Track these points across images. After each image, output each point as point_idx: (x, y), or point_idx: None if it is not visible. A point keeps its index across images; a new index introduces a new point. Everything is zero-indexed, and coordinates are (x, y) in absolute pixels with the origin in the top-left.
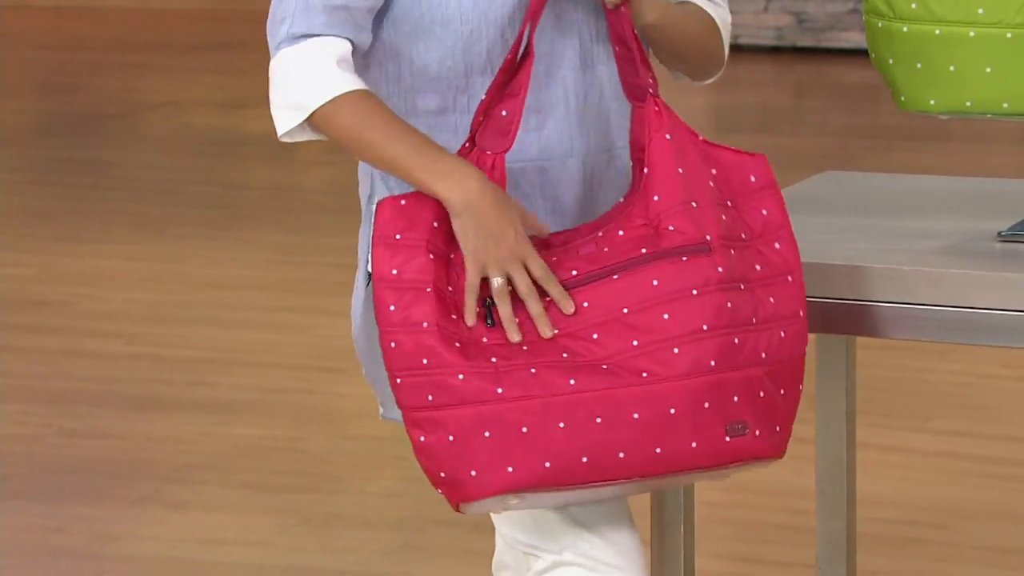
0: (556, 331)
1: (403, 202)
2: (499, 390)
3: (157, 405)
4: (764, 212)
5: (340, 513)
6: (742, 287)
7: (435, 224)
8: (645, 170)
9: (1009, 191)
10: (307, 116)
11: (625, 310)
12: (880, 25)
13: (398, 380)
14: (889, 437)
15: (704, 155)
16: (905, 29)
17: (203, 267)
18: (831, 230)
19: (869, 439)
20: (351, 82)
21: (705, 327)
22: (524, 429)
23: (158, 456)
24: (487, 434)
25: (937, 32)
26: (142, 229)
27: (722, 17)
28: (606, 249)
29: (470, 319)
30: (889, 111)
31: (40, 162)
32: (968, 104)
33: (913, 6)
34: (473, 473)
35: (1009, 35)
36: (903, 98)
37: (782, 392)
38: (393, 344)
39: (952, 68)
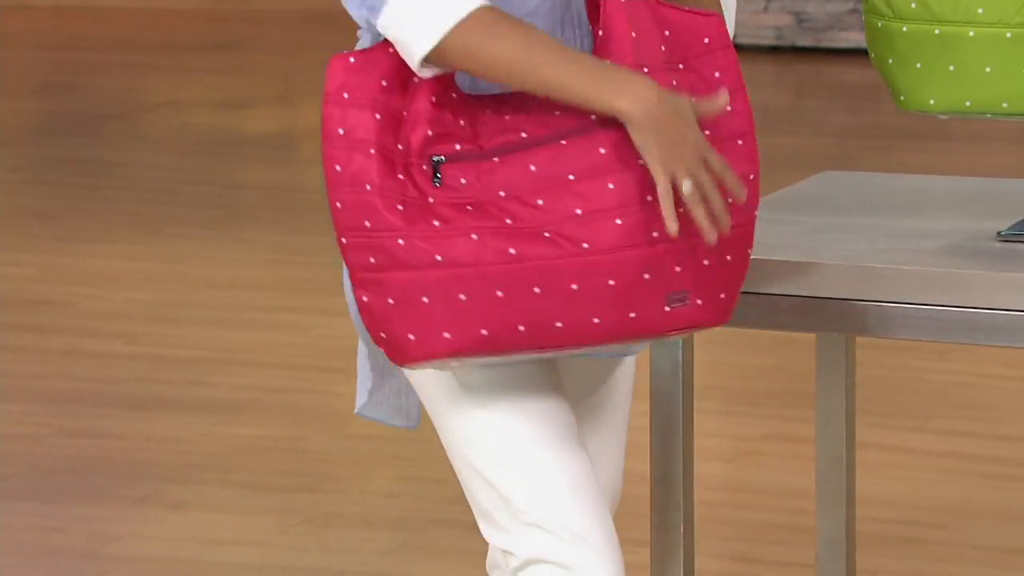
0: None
1: (352, 60)
2: (438, 257)
3: (157, 405)
4: (717, 74)
5: (340, 513)
6: None
7: (383, 82)
8: (600, 33)
9: (1009, 191)
10: (432, 47)
11: (571, 176)
12: (880, 25)
13: (344, 240)
14: (889, 437)
15: (657, 16)
16: (905, 29)
17: (203, 267)
18: (831, 230)
19: (869, 439)
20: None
21: (649, 197)
22: (462, 296)
23: (158, 456)
24: (425, 299)
25: (937, 32)
26: (142, 229)
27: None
28: (557, 112)
29: (673, 227)
30: (889, 111)
31: (40, 162)
32: (968, 104)
33: (913, 6)
34: (411, 336)
35: (1009, 35)
36: (903, 98)
37: (728, 259)
38: (339, 204)
39: (952, 68)
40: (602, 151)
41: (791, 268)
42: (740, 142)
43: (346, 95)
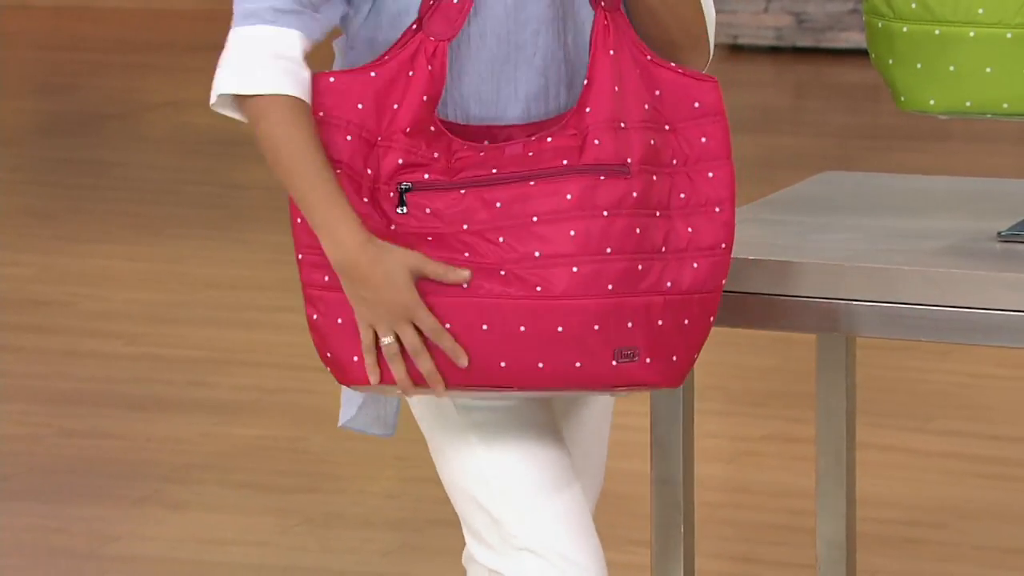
0: (445, 381)
1: (332, 80)
2: None
3: (157, 405)
4: (703, 139)
5: (340, 513)
6: (657, 214)
7: (359, 105)
8: (585, 81)
9: (1009, 191)
10: (231, 98)
11: (534, 218)
12: (880, 25)
13: (300, 256)
14: (889, 437)
15: (648, 75)
16: (905, 29)
17: (203, 267)
18: (830, 230)
19: (869, 439)
20: (280, 82)
21: (609, 250)
22: None
23: (158, 456)
24: None
25: (937, 32)
26: (142, 229)
27: (707, 9)
28: (531, 154)
29: (373, 378)
30: (889, 111)
31: (40, 162)
32: (968, 104)
33: (913, 6)
34: (355, 359)
35: (1009, 35)
36: (903, 98)
37: (685, 322)
38: (299, 220)
39: (952, 68)
40: (568, 197)
41: (791, 268)
42: (718, 209)
43: (321, 114)
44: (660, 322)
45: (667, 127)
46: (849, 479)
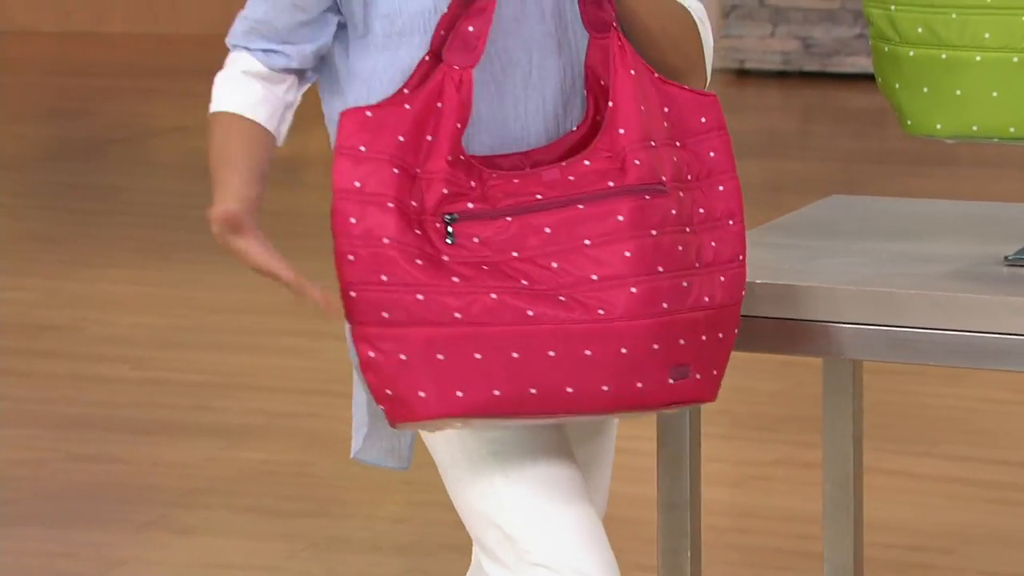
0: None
1: (369, 114)
2: (457, 314)
3: (163, 429)
4: (711, 154)
5: (347, 538)
6: (688, 230)
7: (400, 138)
8: (610, 103)
9: (1016, 216)
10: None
11: (587, 241)
12: (886, 49)
13: (352, 294)
14: (896, 462)
15: (660, 92)
16: (911, 53)
17: (209, 291)
18: (837, 254)
19: (876, 464)
20: (225, 101)
21: (661, 269)
22: (477, 355)
23: (164, 481)
24: (440, 356)
25: (943, 57)
26: (148, 254)
27: (704, 35)
28: (571, 178)
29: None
30: (896, 136)
31: (47, 187)
32: (974, 128)
33: (919, 30)
34: (422, 394)
35: (1015, 60)
36: (909, 122)
37: (720, 336)
38: (352, 257)
39: (958, 92)
40: (620, 218)
41: (798, 292)
42: (731, 222)
43: (363, 148)
44: (704, 337)
45: (678, 143)
46: (856, 504)
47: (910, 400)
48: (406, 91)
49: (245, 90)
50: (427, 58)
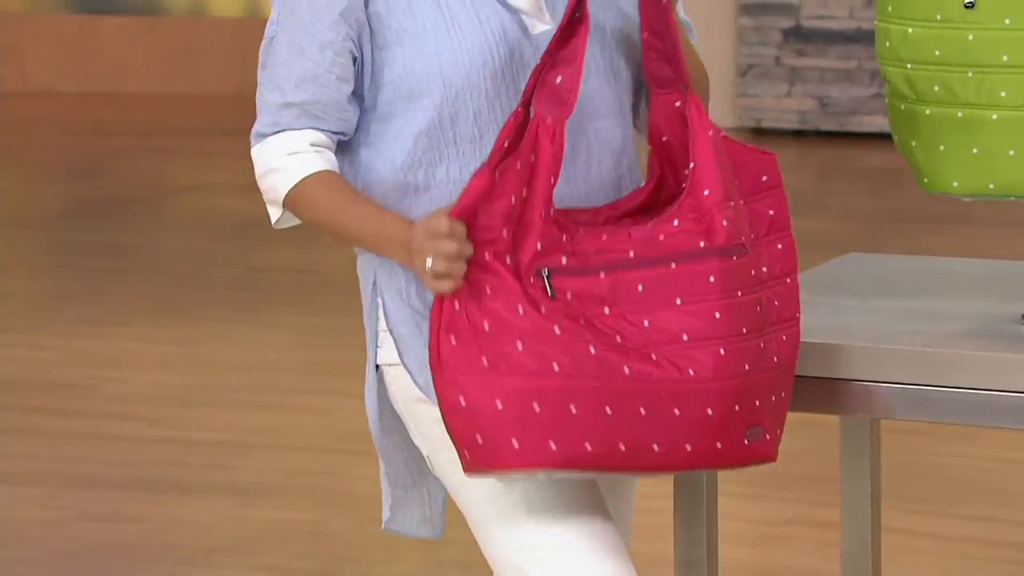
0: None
1: (497, 176)
2: (555, 366)
3: (179, 488)
4: (771, 212)
5: None
6: (759, 289)
7: (512, 199)
8: (692, 164)
9: None
10: (281, 209)
11: (679, 301)
12: (903, 108)
13: (453, 340)
14: (914, 522)
15: (728, 151)
16: (928, 112)
17: (226, 350)
18: (854, 311)
19: (894, 523)
20: (304, 168)
21: (745, 330)
22: (573, 408)
23: (180, 540)
24: (536, 407)
25: (960, 115)
26: (166, 312)
27: (690, 26)
28: (662, 236)
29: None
30: (913, 195)
31: (65, 245)
32: (991, 187)
33: (936, 89)
34: (515, 443)
35: None
36: (926, 180)
37: (783, 395)
38: (457, 306)
39: (975, 151)
40: (711, 279)
41: (815, 350)
42: (788, 280)
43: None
44: (773, 397)
45: (743, 202)
46: (874, 564)
47: (927, 459)
48: (506, 144)
49: (314, 158)
50: (519, 110)
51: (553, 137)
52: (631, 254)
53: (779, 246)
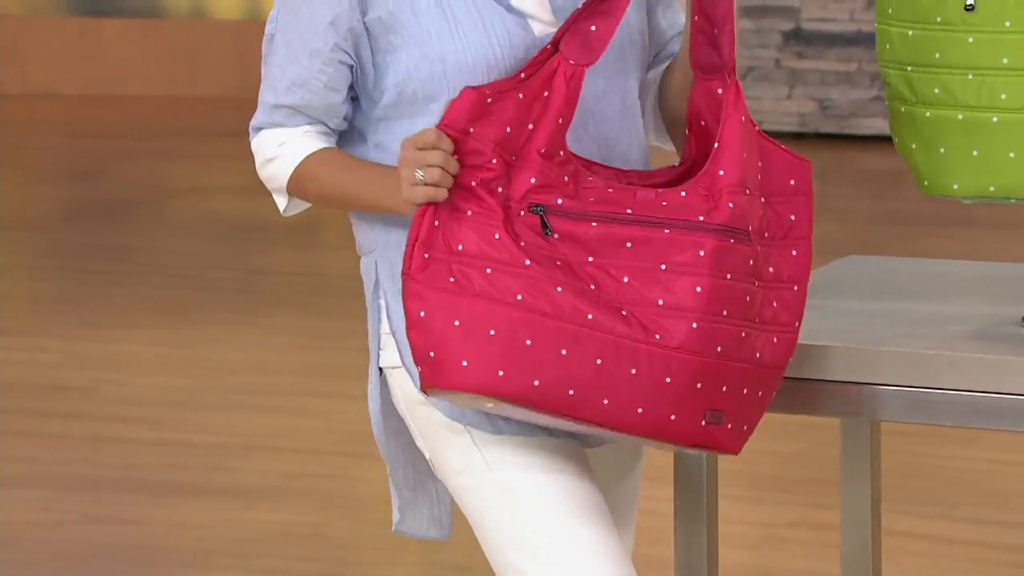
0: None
1: (490, 100)
2: (519, 296)
3: (180, 491)
4: (792, 217)
5: None
6: (757, 284)
7: (507, 129)
8: (716, 144)
9: None
10: (287, 196)
11: (663, 266)
12: (903, 110)
13: (426, 255)
14: (914, 524)
15: (759, 146)
16: (928, 114)
17: (227, 352)
18: (854, 314)
19: (894, 526)
20: (300, 151)
21: (726, 312)
22: (528, 341)
23: (181, 542)
24: (492, 332)
25: (960, 117)
26: (166, 314)
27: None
28: (665, 203)
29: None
30: (913, 197)
31: (66, 248)
32: (992, 189)
33: (936, 91)
34: (464, 363)
35: None
36: (926, 182)
37: (759, 394)
38: (436, 223)
39: (975, 153)
40: (701, 253)
41: (816, 352)
42: (795, 288)
43: (472, 130)
44: (745, 391)
45: (763, 199)
46: (874, 566)
47: (927, 462)
48: (523, 75)
49: (308, 141)
50: (549, 46)
51: (570, 80)
52: (629, 211)
53: (793, 252)
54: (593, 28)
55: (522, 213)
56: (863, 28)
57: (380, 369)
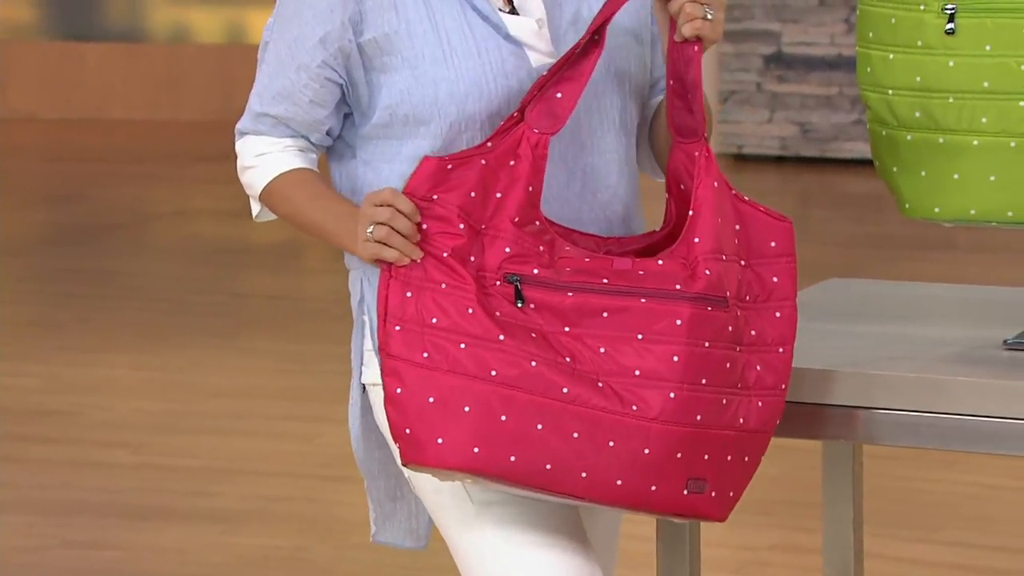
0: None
1: (449, 166)
2: (493, 372)
3: (161, 515)
4: (774, 279)
5: None
6: (738, 349)
7: (472, 194)
8: (691, 212)
9: (1014, 300)
10: (261, 204)
11: (640, 336)
12: (884, 133)
13: (397, 327)
14: (896, 548)
15: (735, 209)
16: (909, 137)
17: (208, 376)
18: (836, 337)
19: (876, 549)
20: (278, 166)
21: (704, 381)
22: (503, 417)
23: (162, 567)
24: (467, 409)
25: (941, 141)
26: (148, 338)
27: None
28: (642, 272)
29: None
30: (894, 220)
31: (48, 272)
32: (972, 212)
33: (917, 115)
34: (440, 441)
35: (1013, 144)
36: (907, 205)
37: (745, 459)
38: (408, 294)
39: (956, 176)
40: (678, 322)
41: (797, 375)
42: (780, 350)
43: (435, 197)
44: (729, 457)
45: (743, 262)
46: None
47: (909, 485)
48: (489, 144)
49: (287, 157)
50: (515, 114)
51: (535, 147)
52: (605, 281)
53: (777, 314)
54: (559, 96)
55: (497, 283)
56: (844, 52)
57: (363, 385)
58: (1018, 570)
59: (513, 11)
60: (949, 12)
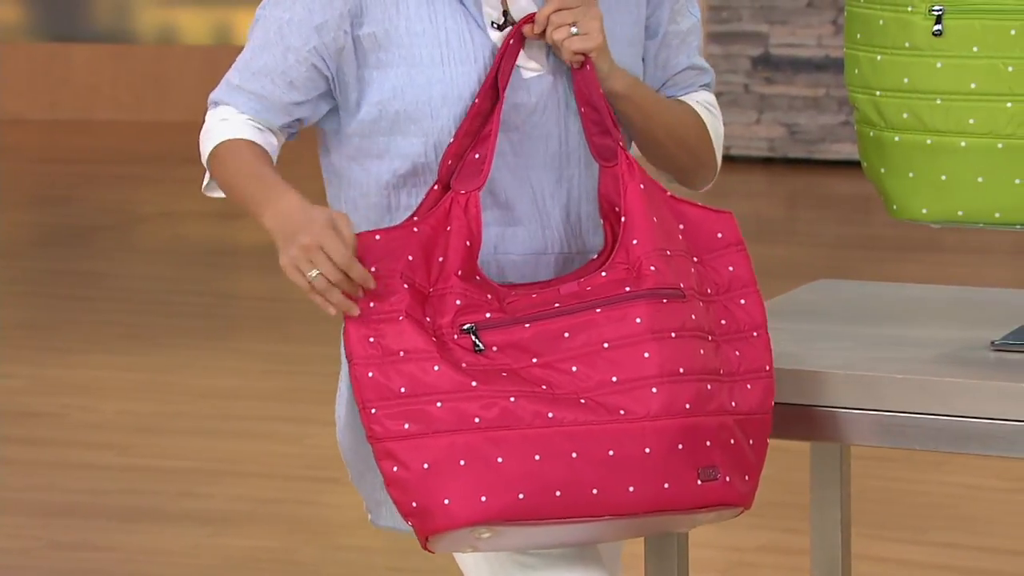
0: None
1: (378, 237)
2: (476, 419)
3: (148, 517)
4: (730, 269)
5: None
6: (710, 338)
7: (409, 257)
8: (623, 218)
9: (1002, 300)
10: (208, 173)
11: (605, 344)
12: (871, 135)
13: (373, 411)
14: (883, 549)
15: (672, 210)
16: (896, 139)
17: (195, 377)
18: (823, 338)
19: (863, 550)
20: (228, 133)
21: (682, 370)
22: (499, 459)
23: (149, 569)
24: (462, 462)
25: (928, 142)
26: (134, 339)
27: (714, 126)
28: (589, 288)
29: (330, 310)
30: (881, 221)
31: (34, 274)
32: (960, 214)
33: (904, 116)
34: (446, 502)
35: (1000, 145)
36: (895, 207)
37: (751, 442)
38: (370, 374)
39: (944, 178)
40: (638, 320)
41: (785, 376)
42: (755, 334)
43: (374, 269)
44: (732, 441)
45: (695, 259)
46: None
47: (897, 486)
48: (415, 218)
49: (245, 128)
50: (436, 187)
51: (466, 208)
52: (557, 305)
53: (742, 301)
54: (476, 156)
55: (455, 336)
56: (831, 53)
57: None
58: (1006, 571)
59: (508, 23)
60: (937, 14)
